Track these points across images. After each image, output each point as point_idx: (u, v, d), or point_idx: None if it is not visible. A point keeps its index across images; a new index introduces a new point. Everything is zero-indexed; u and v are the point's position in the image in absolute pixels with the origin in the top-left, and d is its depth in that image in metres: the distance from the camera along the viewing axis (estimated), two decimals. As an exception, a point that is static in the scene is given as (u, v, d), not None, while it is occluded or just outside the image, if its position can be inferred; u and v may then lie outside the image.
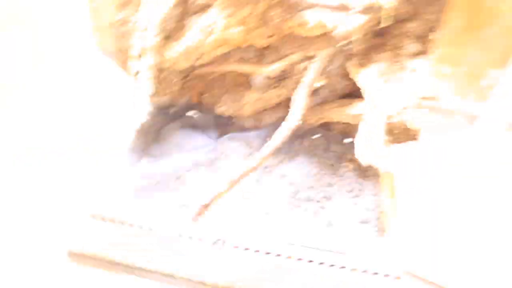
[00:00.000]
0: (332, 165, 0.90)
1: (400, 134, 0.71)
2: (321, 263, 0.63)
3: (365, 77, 0.74)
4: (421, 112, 0.69)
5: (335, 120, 0.85)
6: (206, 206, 0.73)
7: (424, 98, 0.70)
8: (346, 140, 0.95)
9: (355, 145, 0.70)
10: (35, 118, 0.99)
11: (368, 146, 0.69)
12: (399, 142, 0.72)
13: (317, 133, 0.95)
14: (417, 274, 0.58)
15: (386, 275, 0.62)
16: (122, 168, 0.87)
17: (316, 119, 0.87)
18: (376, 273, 0.62)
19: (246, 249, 0.65)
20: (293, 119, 0.74)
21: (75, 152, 0.94)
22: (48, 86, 1.00)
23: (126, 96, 0.87)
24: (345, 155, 0.91)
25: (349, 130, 0.91)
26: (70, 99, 1.03)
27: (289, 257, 0.64)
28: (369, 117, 0.71)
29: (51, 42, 1.04)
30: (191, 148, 0.89)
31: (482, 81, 0.60)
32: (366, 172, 0.87)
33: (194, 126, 0.96)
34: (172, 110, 1.02)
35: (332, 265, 0.63)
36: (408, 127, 0.68)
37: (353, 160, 0.89)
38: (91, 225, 0.72)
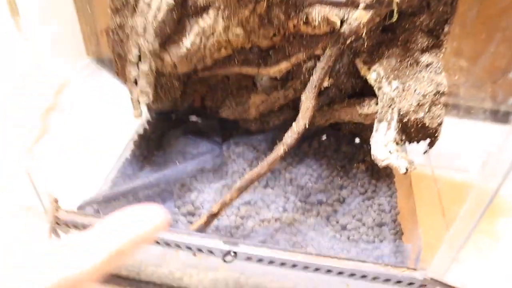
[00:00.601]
0: (344, 166, 0.86)
1: (417, 132, 0.67)
2: (340, 273, 0.59)
3: (376, 74, 0.70)
4: (437, 109, 0.65)
5: (346, 120, 0.81)
6: (214, 215, 0.69)
7: (440, 94, 0.66)
8: (357, 140, 0.91)
9: (371, 146, 0.66)
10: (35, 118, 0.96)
11: (384, 146, 0.65)
12: (416, 140, 0.69)
13: (326, 134, 0.91)
14: (444, 281, 0.55)
15: (411, 284, 0.58)
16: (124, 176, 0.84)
17: (325, 120, 0.84)
18: (399, 281, 0.58)
19: (260, 260, 0.61)
20: (302, 122, 0.71)
21: (75, 152, 0.91)
22: (47, 85, 0.97)
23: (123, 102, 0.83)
24: (357, 155, 0.88)
25: (360, 130, 0.87)
26: (69, 99, 1.00)
27: (306, 267, 0.60)
28: (382, 116, 0.67)
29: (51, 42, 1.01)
30: (195, 154, 0.86)
31: (510, 74, 0.56)
32: (379, 173, 0.84)
33: (198, 131, 0.92)
34: (174, 116, 0.99)
35: (352, 274, 0.59)
36: (426, 124, 0.65)
37: (365, 161, 0.85)
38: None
